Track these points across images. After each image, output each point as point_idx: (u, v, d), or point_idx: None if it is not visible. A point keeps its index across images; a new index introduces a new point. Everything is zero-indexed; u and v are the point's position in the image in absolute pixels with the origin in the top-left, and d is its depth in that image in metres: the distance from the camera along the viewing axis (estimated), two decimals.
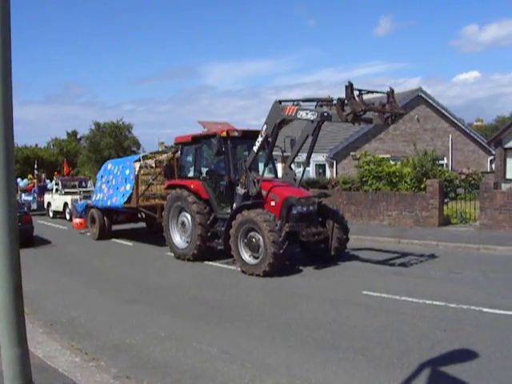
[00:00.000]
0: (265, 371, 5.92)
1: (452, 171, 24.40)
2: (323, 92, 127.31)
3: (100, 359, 6.34)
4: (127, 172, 17.07)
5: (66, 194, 26.47)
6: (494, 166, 30.62)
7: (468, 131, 34.49)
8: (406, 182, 19.87)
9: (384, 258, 12.72)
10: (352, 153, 28.13)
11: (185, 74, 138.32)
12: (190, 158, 14.72)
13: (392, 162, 21.53)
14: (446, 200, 18.72)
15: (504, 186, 21.71)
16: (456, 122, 33.57)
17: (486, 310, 8.00)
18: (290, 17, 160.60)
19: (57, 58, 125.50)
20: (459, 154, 33.35)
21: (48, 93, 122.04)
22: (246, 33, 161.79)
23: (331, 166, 28.68)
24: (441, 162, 28.21)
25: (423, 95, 31.79)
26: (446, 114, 32.93)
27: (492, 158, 32.91)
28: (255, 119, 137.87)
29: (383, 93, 10.76)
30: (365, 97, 10.38)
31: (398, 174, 19.94)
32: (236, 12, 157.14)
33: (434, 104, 32.39)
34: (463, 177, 22.41)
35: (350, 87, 9.86)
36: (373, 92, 10.95)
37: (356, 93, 10.06)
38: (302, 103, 11.68)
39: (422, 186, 18.91)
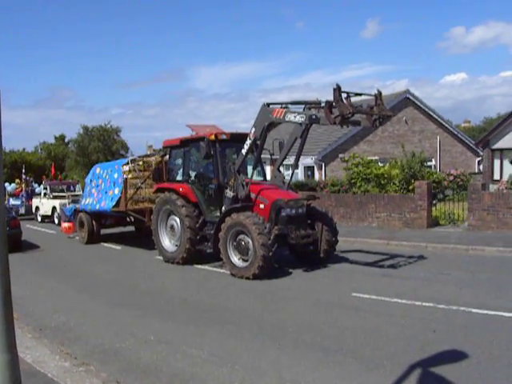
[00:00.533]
0: (255, 374, 5.92)
1: (440, 173, 24.52)
2: (312, 94, 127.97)
3: (90, 364, 6.31)
4: (116, 176, 17.01)
5: (55, 198, 26.33)
6: (481, 167, 30.86)
7: (456, 133, 34.76)
8: (394, 183, 19.96)
9: (373, 260, 12.75)
10: (340, 155, 28.26)
11: (173, 78, 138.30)
12: (178, 162, 14.69)
13: (380, 164, 21.64)
14: (434, 201, 18.82)
15: (492, 187, 21.85)
16: (444, 123, 33.83)
17: (475, 310, 8.04)
18: (278, 19, 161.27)
19: (44, 62, 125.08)
20: (447, 156, 33.59)
21: (35, 97, 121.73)
22: (234, 35, 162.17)
23: (320, 168, 28.79)
24: (429, 163, 28.44)
25: (411, 97, 32.01)
26: (434, 115, 33.17)
27: (480, 159, 33.17)
28: (244, 122, 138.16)
29: (371, 95, 10.79)
30: (353, 99, 10.40)
31: (386, 175, 20.03)
32: (223, 14, 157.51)
33: (422, 106, 32.63)
34: (451, 178, 22.52)
35: (337, 90, 9.88)
36: (361, 94, 10.99)
37: (344, 95, 10.07)
38: (290, 106, 11.71)
39: (411, 187, 19.00)
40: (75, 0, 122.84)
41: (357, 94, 10.69)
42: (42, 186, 28.57)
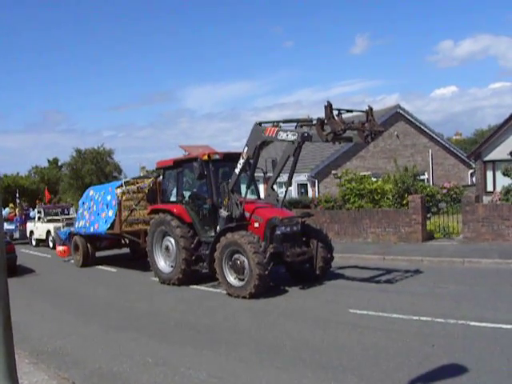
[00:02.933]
0: None
1: (433, 186, 24.58)
2: (302, 112, 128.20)
3: None
4: (109, 198, 17.02)
5: (49, 221, 26.28)
6: (474, 179, 30.96)
7: (447, 145, 34.92)
8: (388, 198, 19.97)
9: (369, 276, 12.74)
10: (333, 171, 28.31)
11: (163, 99, 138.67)
12: (172, 183, 14.70)
13: (373, 179, 21.68)
14: (428, 215, 18.86)
15: (485, 199, 21.94)
16: (435, 136, 34.00)
17: (473, 323, 8.04)
18: (266, 38, 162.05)
19: (34, 87, 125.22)
20: (439, 169, 33.71)
21: (27, 121, 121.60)
22: (224, 55, 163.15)
23: (313, 185, 28.84)
24: (422, 177, 28.54)
25: (402, 111, 32.19)
26: (425, 129, 33.34)
27: (472, 171, 33.28)
28: (236, 141, 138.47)
29: (362, 111, 10.86)
30: (344, 116, 10.47)
31: (379, 190, 20.05)
32: (212, 34, 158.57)
33: (413, 120, 32.80)
34: (444, 191, 22.54)
35: (329, 107, 9.95)
36: (352, 111, 11.05)
37: (335, 112, 10.14)
38: (282, 124, 11.76)
39: (404, 202, 19.03)
40: (65, 24, 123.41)
41: (348, 111, 10.75)
42: (36, 210, 28.51)
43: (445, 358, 6.58)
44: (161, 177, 15.58)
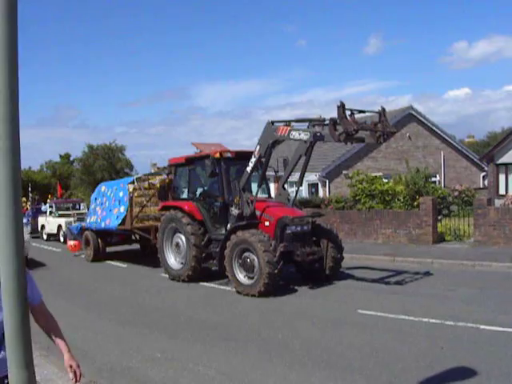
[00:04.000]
0: None
1: (445, 188, 24.49)
2: (314, 111, 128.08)
3: (97, 382, 6.32)
4: (121, 194, 17.11)
5: (60, 216, 26.44)
6: (486, 182, 30.81)
7: (460, 148, 34.75)
8: (398, 199, 19.93)
9: (379, 277, 12.73)
10: (344, 171, 28.25)
11: (176, 96, 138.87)
12: (183, 180, 14.76)
13: (385, 180, 21.64)
14: (439, 217, 18.79)
15: (497, 202, 21.82)
16: (447, 138, 33.85)
17: (483, 327, 8.00)
18: (279, 36, 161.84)
19: (47, 81, 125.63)
20: (451, 171, 33.55)
21: (39, 116, 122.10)
22: (236, 53, 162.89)
23: (324, 185, 28.80)
24: (433, 179, 28.41)
25: (414, 113, 32.07)
26: (438, 130, 33.20)
27: (484, 174, 33.14)
28: (247, 139, 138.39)
29: (375, 112, 10.84)
30: (356, 116, 10.46)
31: (390, 192, 20.02)
32: (225, 32, 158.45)
33: (425, 121, 32.66)
34: (456, 194, 22.49)
35: (341, 107, 9.94)
36: (364, 111, 11.03)
37: (348, 112, 10.14)
38: (294, 124, 11.77)
39: (415, 203, 18.99)
40: (78, 19, 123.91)
41: (361, 111, 10.74)
42: (47, 205, 28.71)
43: (454, 361, 6.56)
44: (172, 174, 15.62)
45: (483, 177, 34.34)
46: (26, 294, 2.44)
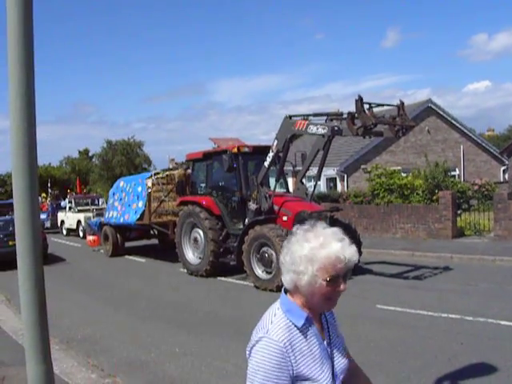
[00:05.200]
0: None
1: (464, 182, 24.24)
2: (332, 105, 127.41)
3: (116, 376, 6.35)
4: (139, 189, 17.20)
5: (79, 211, 26.67)
6: (507, 176, 30.46)
7: (480, 141, 34.32)
8: (417, 194, 19.78)
9: (398, 272, 12.65)
10: (362, 166, 28.10)
11: (193, 91, 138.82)
12: (201, 175, 14.79)
13: (403, 175, 21.48)
14: (458, 211, 18.61)
15: None
16: (467, 132, 33.43)
17: (503, 322, 7.90)
18: (297, 30, 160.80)
19: (65, 78, 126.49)
20: (471, 165, 33.18)
21: (58, 112, 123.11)
22: (254, 48, 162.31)
23: (342, 179, 28.67)
24: (453, 173, 28.10)
25: (433, 106, 31.72)
26: (457, 124, 32.81)
27: (505, 168, 32.74)
28: (264, 134, 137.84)
29: (393, 105, 10.77)
30: (375, 110, 10.38)
31: (409, 186, 19.87)
32: (242, 27, 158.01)
33: (445, 115, 32.29)
34: (476, 188, 22.24)
35: (360, 101, 9.87)
36: (383, 105, 10.97)
37: (366, 106, 10.07)
38: (312, 118, 11.72)
39: (434, 197, 18.82)
40: (95, 14, 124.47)
41: (379, 105, 10.68)
42: (66, 200, 28.97)
43: (474, 357, 6.48)
44: (190, 169, 15.67)
45: (503, 171, 33.92)
46: (43, 287, 2.45)
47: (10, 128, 2.47)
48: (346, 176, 28.47)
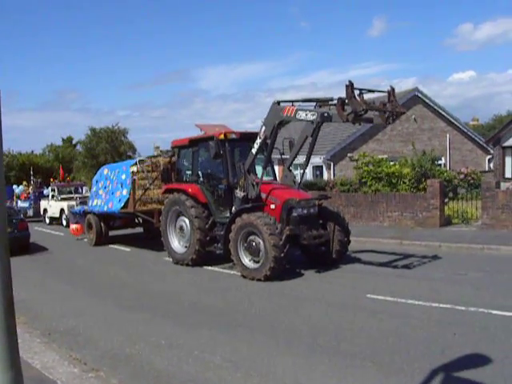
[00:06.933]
0: (270, 380, 5.72)
1: (450, 171, 24.24)
2: (318, 94, 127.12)
3: (100, 369, 6.13)
4: (123, 177, 16.91)
5: (63, 200, 26.30)
6: (492, 165, 30.53)
7: (465, 130, 34.38)
8: (404, 182, 19.72)
9: (386, 260, 12.53)
10: (349, 154, 28.04)
11: (178, 79, 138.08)
12: (187, 162, 14.53)
13: (390, 163, 21.40)
14: (445, 200, 18.57)
15: (503, 185, 21.56)
16: (453, 121, 33.47)
17: (494, 312, 7.80)
18: (282, 18, 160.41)
19: (49, 65, 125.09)
20: (457, 154, 33.24)
21: (41, 99, 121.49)
22: (239, 36, 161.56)
23: (328, 167, 28.55)
24: (439, 161, 28.11)
25: (420, 95, 31.68)
26: (443, 113, 32.83)
27: (490, 157, 32.84)
28: (250, 122, 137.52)
29: (384, 92, 10.57)
30: (364, 97, 10.21)
31: (397, 174, 19.79)
32: (227, 15, 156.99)
33: (431, 104, 32.28)
34: (462, 176, 22.26)
35: (350, 86, 9.68)
36: (373, 91, 10.77)
37: (356, 92, 9.89)
38: (301, 103, 11.51)
39: (421, 186, 18.77)
40: (79, 3, 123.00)
41: (370, 91, 10.50)
42: (49, 188, 28.57)
43: (467, 347, 6.36)
44: (175, 156, 15.40)
45: (489, 160, 34.02)
46: (10, 285, 2.20)
47: None
48: (332, 164, 28.35)
